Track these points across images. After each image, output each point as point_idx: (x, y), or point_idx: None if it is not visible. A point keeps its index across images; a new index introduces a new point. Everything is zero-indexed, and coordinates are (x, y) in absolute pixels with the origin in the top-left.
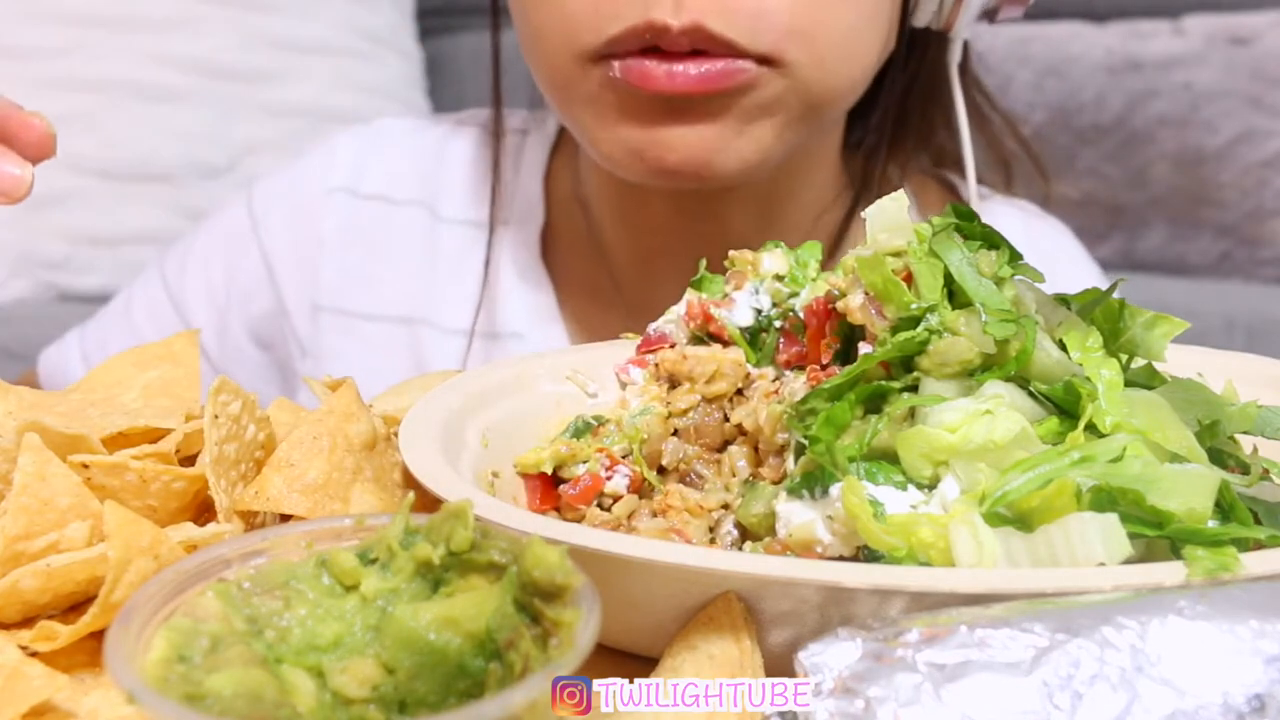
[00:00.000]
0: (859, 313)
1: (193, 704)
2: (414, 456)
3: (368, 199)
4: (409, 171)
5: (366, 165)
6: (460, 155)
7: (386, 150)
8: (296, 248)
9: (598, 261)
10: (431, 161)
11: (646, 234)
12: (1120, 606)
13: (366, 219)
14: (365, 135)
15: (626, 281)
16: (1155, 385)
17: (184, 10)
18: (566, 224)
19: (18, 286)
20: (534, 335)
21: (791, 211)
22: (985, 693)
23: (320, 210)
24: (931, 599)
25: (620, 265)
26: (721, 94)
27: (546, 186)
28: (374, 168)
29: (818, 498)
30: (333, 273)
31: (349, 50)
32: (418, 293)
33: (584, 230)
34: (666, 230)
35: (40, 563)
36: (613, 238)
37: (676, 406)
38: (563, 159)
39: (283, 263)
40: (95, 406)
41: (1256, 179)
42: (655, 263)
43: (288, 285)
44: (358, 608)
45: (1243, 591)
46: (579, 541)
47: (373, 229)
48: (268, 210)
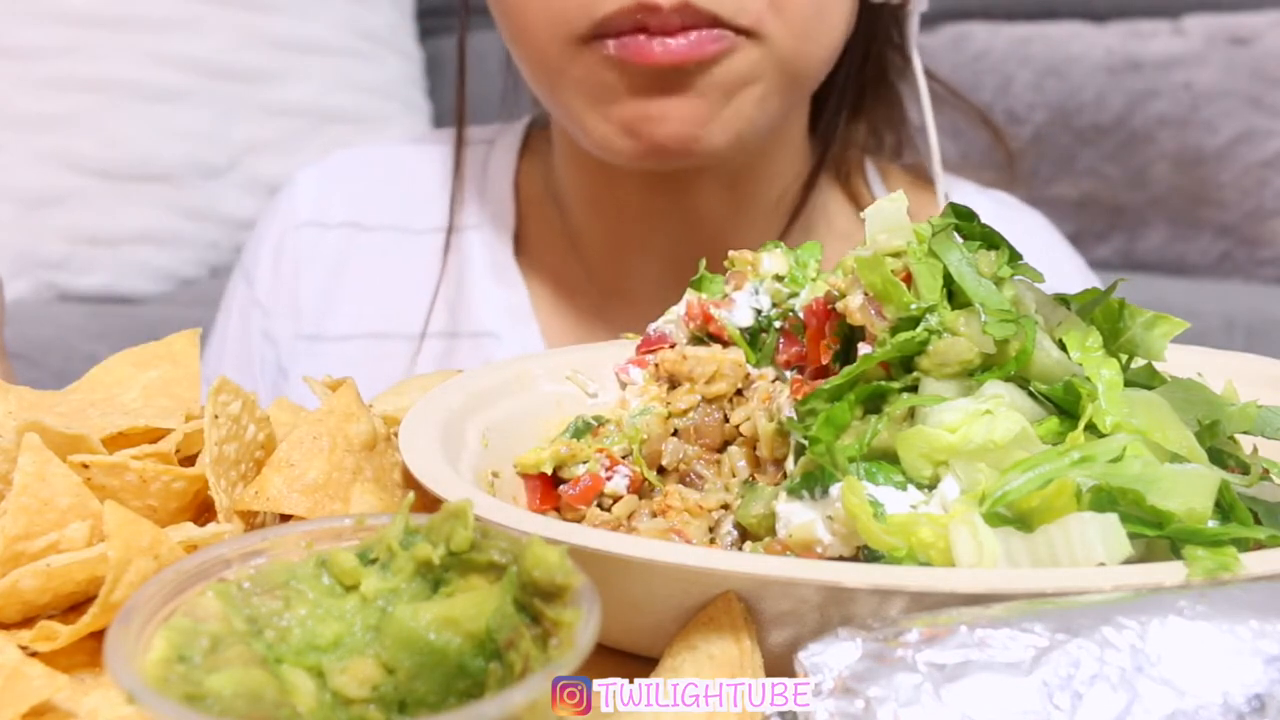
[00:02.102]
0: (858, 313)
1: (193, 704)
2: (414, 456)
3: (335, 227)
4: (373, 195)
5: (329, 197)
6: (426, 171)
7: (346, 181)
8: (278, 285)
9: (569, 253)
10: (395, 181)
11: (618, 218)
12: (1120, 606)
13: (336, 247)
14: (324, 169)
15: (598, 269)
16: (1155, 385)
17: (184, 10)
18: (537, 222)
19: (18, 286)
20: (509, 334)
21: (758, 192)
22: (985, 693)
23: (293, 246)
24: (931, 599)
25: (592, 253)
26: (708, 64)
27: (516, 190)
28: (337, 198)
29: (818, 498)
30: (309, 302)
31: (349, 50)
32: (391, 307)
33: (556, 225)
34: (638, 213)
35: (40, 563)
36: (585, 225)
37: (676, 407)
38: (531, 162)
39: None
40: (95, 406)
41: (1256, 179)
42: (626, 246)
43: (276, 322)
44: (358, 608)
45: (1243, 591)
46: (579, 541)
47: (343, 255)
48: (256, 262)
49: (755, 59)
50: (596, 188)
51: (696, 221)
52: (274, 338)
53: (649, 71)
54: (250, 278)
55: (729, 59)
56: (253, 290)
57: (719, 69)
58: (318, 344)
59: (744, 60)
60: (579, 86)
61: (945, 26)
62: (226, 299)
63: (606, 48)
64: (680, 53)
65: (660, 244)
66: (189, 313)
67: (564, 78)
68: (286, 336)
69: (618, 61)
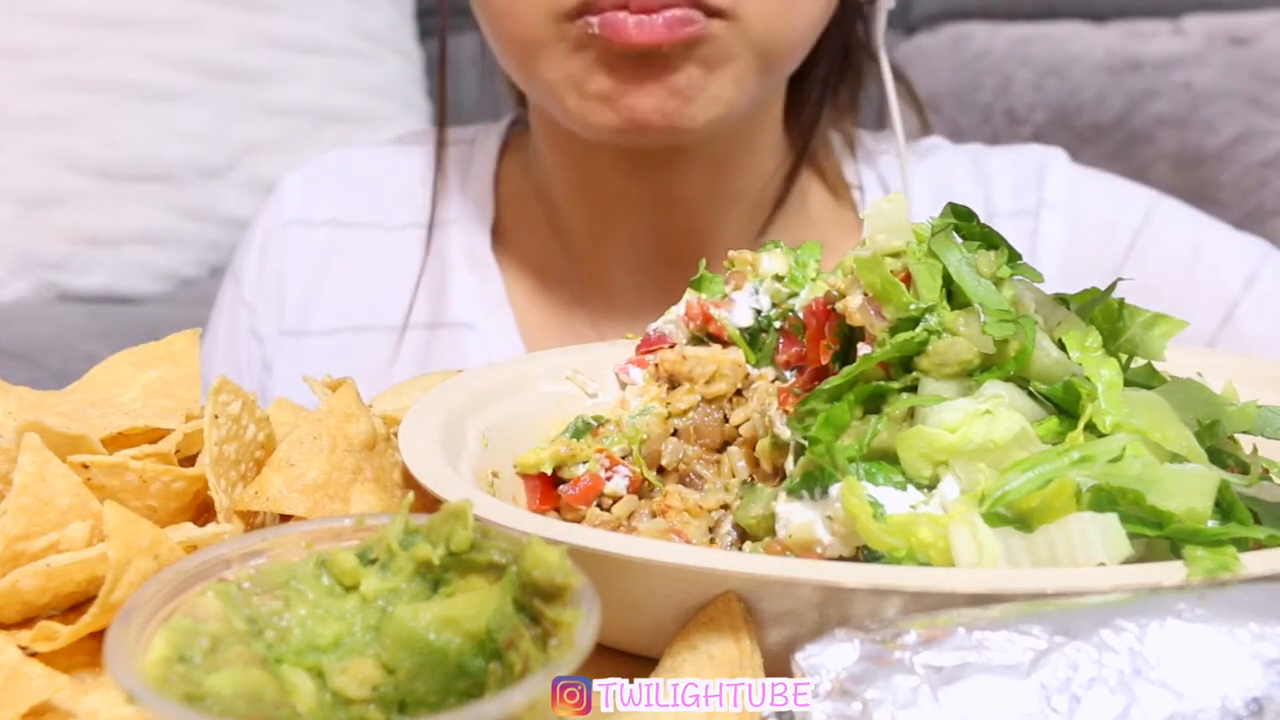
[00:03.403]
0: (858, 314)
1: (193, 704)
2: (414, 456)
3: (318, 225)
4: (354, 194)
5: (314, 196)
6: (405, 169)
7: (331, 180)
8: (263, 283)
9: (551, 242)
10: (377, 181)
11: (599, 204)
12: (1119, 609)
13: (319, 244)
14: (308, 170)
15: (580, 255)
16: (1155, 385)
17: (184, 10)
18: (517, 215)
19: (18, 286)
20: (483, 324)
21: (737, 176)
22: (983, 695)
23: (279, 244)
24: (931, 599)
25: (574, 238)
26: (684, 45)
27: (496, 184)
28: (321, 197)
29: (817, 498)
30: (293, 299)
31: (349, 50)
32: (371, 301)
33: (537, 216)
34: (618, 198)
35: (40, 563)
36: (567, 210)
37: (676, 407)
38: (512, 158)
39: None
40: (95, 406)
41: (1256, 179)
42: (607, 232)
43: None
44: (358, 608)
45: (1242, 593)
46: (579, 541)
47: (325, 252)
48: (244, 262)
49: (730, 39)
50: (577, 173)
51: (676, 207)
52: (260, 335)
53: (628, 52)
54: (239, 278)
55: (705, 42)
56: (240, 289)
57: (696, 51)
58: (301, 339)
59: (720, 41)
60: (560, 63)
61: (945, 26)
62: (218, 300)
63: (590, 25)
64: (656, 33)
65: (640, 230)
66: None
67: (545, 53)
68: (271, 333)
69: (598, 39)
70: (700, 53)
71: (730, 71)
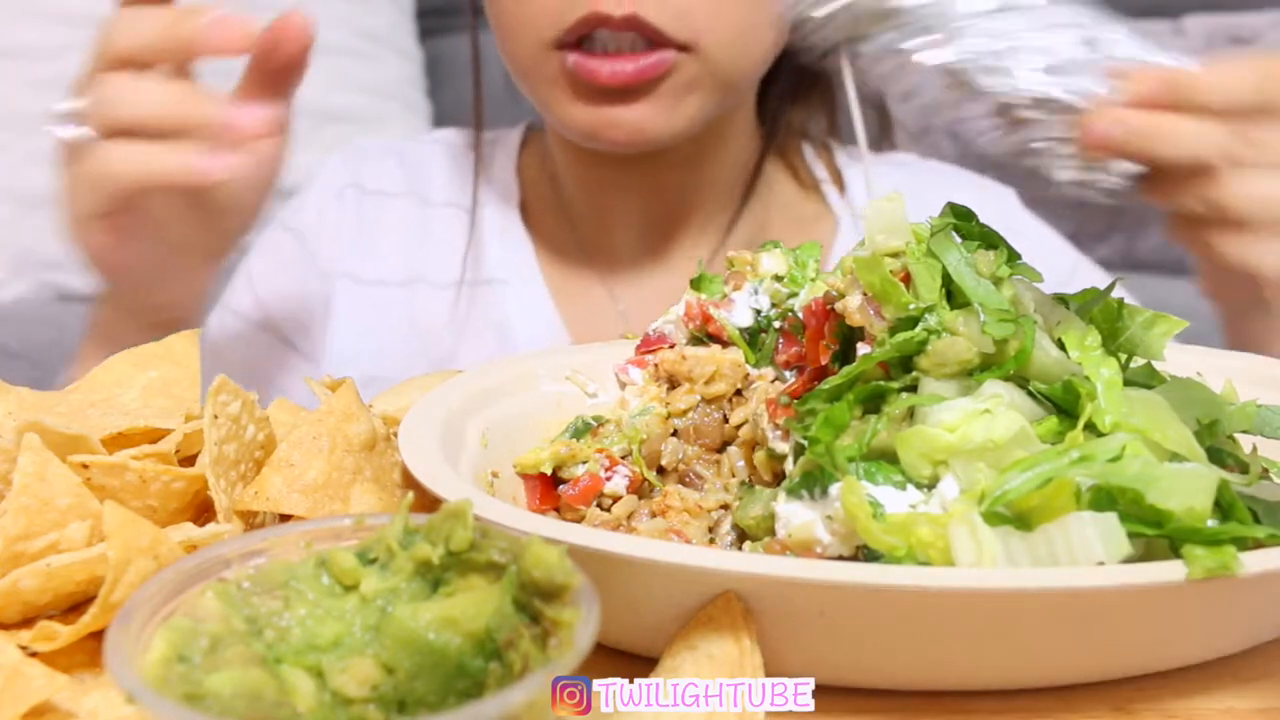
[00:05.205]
0: (857, 314)
1: (192, 704)
2: (414, 456)
3: (370, 194)
4: (396, 172)
5: (361, 170)
6: (439, 159)
7: (373, 159)
8: (323, 226)
9: (564, 221)
10: (414, 165)
11: (600, 191)
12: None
13: (371, 208)
14: (350, 152)
15: (586, 233)
16: (1154, 384)
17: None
18: (537, 198)
19: (18, 286)
20: (515, 281)
21: (714, 166)
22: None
23: (337, 204)
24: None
25: (582, 220)
26: (652, 81)
27: (519, 174)
28: (367, 171)
29: (817, 498)
30: (347, 249)
31: (349, 50)
32: (414, 261)
33: (551, 200)
34: (615, 186)
35: (40, 563)
36: (575, 197)
37: (676, 407)
38: (529, 153)
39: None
40: (95, 407)
41: None
42: (608, 212)
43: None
44: (357, 608)
45: None
46: (579, 541)
47: (375, 215)
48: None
49: (694, 72)
50: (582, 167)
51: (663, 193)
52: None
53: (602, 87)
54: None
55: (671, 75)
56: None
57: (663, 84)
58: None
59: (684, 74)
60: (550, 86)
61: None
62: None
63: (567, 61)
64: (624, 78)
65: (634, 211)
66: None
67: (538, 76)
68: (330, 263)
69: (575, 73)
70: (666, 85)
71: (694, 98)
